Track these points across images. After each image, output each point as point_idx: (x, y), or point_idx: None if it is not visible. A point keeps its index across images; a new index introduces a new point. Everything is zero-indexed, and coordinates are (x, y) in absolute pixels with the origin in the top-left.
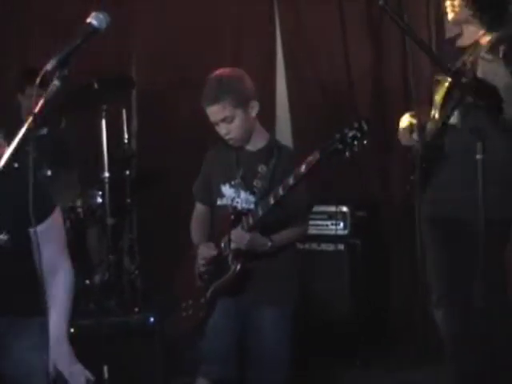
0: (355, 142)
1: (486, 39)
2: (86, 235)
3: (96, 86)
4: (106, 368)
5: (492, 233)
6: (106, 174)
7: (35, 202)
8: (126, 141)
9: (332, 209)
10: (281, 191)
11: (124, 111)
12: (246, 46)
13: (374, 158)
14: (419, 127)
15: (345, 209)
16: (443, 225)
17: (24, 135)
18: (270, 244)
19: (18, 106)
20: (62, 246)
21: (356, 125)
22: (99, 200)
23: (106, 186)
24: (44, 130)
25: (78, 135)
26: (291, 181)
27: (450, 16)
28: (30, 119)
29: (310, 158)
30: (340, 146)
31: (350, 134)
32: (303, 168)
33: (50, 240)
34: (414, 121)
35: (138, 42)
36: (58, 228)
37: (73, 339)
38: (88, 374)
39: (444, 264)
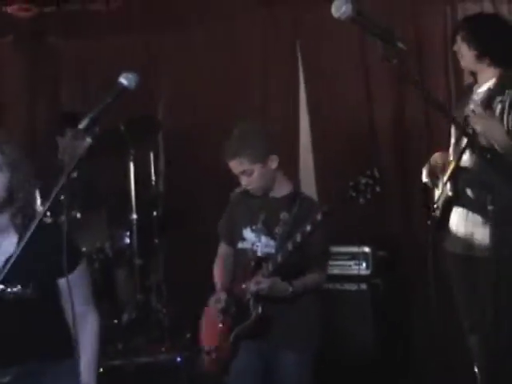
0: (368, 189)
1: (494, 83)
2: (115, 275)
3: (122, 128)
4: None
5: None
6: (134, 216)
7: (67, 252)
8: (153, 182)
9: (354, 249)
10: (299, 238)
11: (151, 153)
12: (271, 91)
13: (395, 199)
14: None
15: (367, 249)
16: (461, 261)
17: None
18: (291, 289)
19: (55, 147)
20: (89, 293)
21: (368, 172)
22: (127, 241)
23: (134, 227)
24: (74, 173)
25: (106, 177)
26: (308, 227)
27: (462, 63)
28: (66, 173)
29: (324, 206)
30: (354, 194)
31: (363, 181)
32: (319, 216)
33: (78, 288)
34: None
35: (165, 83)
36: (86, 276)
37: (101, 379)
38: None
39: (471, 296)
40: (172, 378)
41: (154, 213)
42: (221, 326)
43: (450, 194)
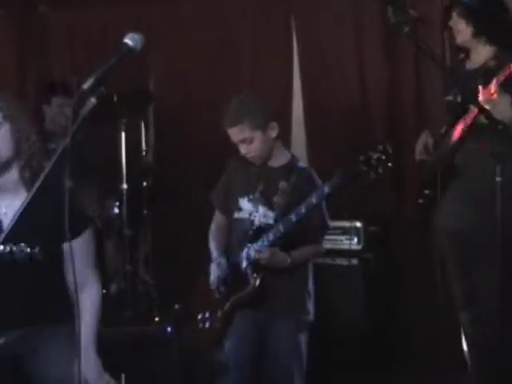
0: (380, 165)
1: (493, 62)
2: (104, 246)
3: (115, 99)
4: (123, 377)
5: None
6: (124, 186)
7: (73, 217)
8: (143, 153)
9: (346, 224)
10: (303, 210)
11: (142, 124)
12: (264, 67)
13: (387, 174)
14: (434, 144)
15: (358, 224)
16: (452, 237)
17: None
18: (289, 260)
19: (41, 116)
20: (92, 259)
21: (381, 147)
22: (116, 211)
23: (124, 197)
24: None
25: (97, 147)
26: (314, 200)
27: (457, 39)
28: (70, 134)
29: (334, 179)
30: (365, 168)
31: (375, 157)
32: (326, 188)
33: (82, 254)
34: (431, 138)
35: (157, 56)
36: (90, 242)
37: None
38: None
39: (464, 274)
40: (162, 348)
41: (144, 183)
42: (216, 294)
43: (450, 168)
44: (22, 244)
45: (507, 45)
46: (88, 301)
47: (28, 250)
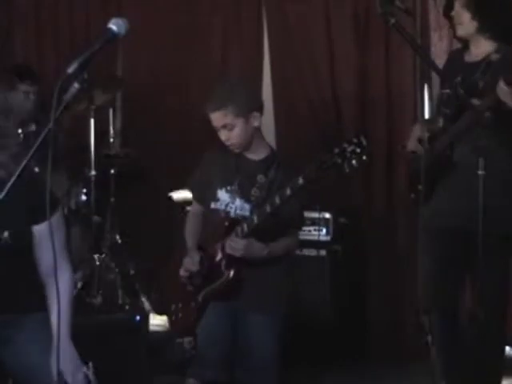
0: (354, 157)
1: (496, 56)
2: (70, 232)
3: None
4: (90, 365)
5: (492, 246)
6: (93, 172)
7: (42, 200)
8: (111, 139)
9: (315, 215)
10: (277, 200)
11: (110, 110)
12: (234, 53)
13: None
14: (425, 138)
15: (327, 215)
16: (441, 234)
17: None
18: (266, 250)
19: None
20: (62, 245)
21: (355, 140)
22: (84, 198)
23: (92, 183)
24: (32, 127)
25: (65, 132)
26: (288, 191)
27: (458, 31)
28: (52, 119)
29: (308, 171)
30: (339, 161)
31: (349, 149)
32: (300, 180)
33: (50, 239)
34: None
35: (125, 41)
36: (60, 228)
37: None
38: (91, 376)
39: (436, 271)
40: (130, 337)
41: (112, 171)
42: (189, 285)
43: (441, 163)
44: None
45: (510, 41)
46: (61, 286)
47: None
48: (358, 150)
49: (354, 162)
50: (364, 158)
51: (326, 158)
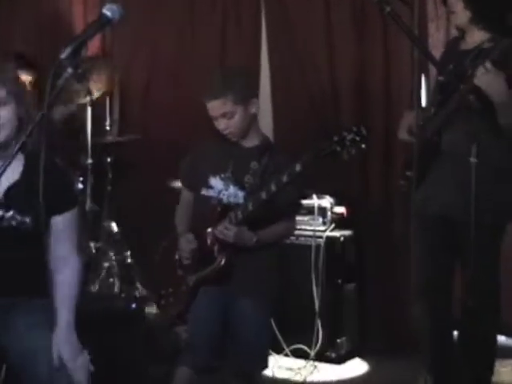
0: (353, 146)
1: (488, 44)
2: None
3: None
4: (86, 352)
5: (482, 234)
6: (90, 161)
7: (62, 192)
8: (108, 128)
9: (312, 203)
10: (273, 188)
11: (107, 99)
12: (232, 45)
13: (360, 155)
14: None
15: (324, 204)
16: (432, 222)
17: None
18: (255, 239)
19: None
20: (75, 239)
21: (355, 129)
22: (80, 186)
23: (89, 172)
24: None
25: (62, 120)
26: (285, 178)
27: (453, 20)
28: (45, 105)
29: (306, 158)
30: (338, 149)
31: (349, 138)
32: (298, 167)
33: (66, 231)
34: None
35: (123, 30)
36: (76, 221)
37: None
38: (90, 365)
39: (428, 259)
40: (126, 324)
41: (108, 159)
42: (180, 270)
43: (431, 150)
44: (14, 211)
45: (504, 32)
46: (67, 276)
47: (19, 217)
48: (358, 139)
49: (352, 150)
50: (363, 146)
51: (325, 146)
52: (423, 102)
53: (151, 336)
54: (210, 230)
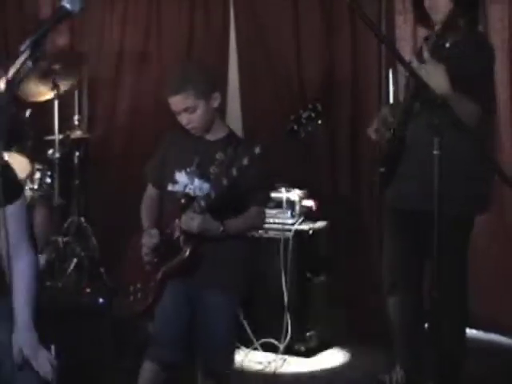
0: (310, 123)
1: (437, 37)
2: (34, 215)
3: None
4: (53, 348)
5: (447, 227)
6: (57, 155)
7: (7, 182)
8: (76, 122)
9: (280, 197)
10: (234, 172)
11: (76, 93)
12: (200, 38)
13: (322, 147)
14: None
15: (293, 197)
16: (402, 216)
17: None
18: (221, 228)
19: None
20: (26, 228)
21: (310, 106)
22: (48, 180)
23: (56, 166)
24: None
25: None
26: (245, 161)
27: (434, 16)
28: (5, 98)
29: (263, 143)
30: (295, 127)
31: (305, 115)
32: (257, 149)
33: (15, 221)
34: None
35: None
36: (24, 212)
37: None
38: (52, 359)
39: (398, 253)
40: (94, 319)
41: (77, 153)
42: (148, 264)
43: (396, 142)
44: None
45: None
46: (23, 270)
47: None
48: (313, 115)
49: (308, 127)
50: (319, 122)
51: (283, 126)
52: (391, 97)
53: (119, 331)
54: (176, 221)
